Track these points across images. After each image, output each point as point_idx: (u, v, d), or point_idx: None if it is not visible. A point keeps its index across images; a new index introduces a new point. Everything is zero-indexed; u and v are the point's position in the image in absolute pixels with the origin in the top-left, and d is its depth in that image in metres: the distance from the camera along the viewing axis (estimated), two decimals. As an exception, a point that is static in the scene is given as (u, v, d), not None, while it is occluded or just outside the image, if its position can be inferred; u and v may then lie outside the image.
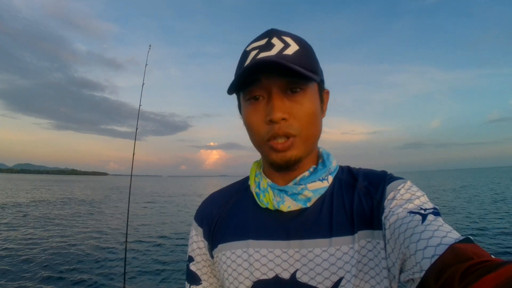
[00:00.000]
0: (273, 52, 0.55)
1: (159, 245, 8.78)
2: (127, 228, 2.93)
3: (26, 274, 6.15)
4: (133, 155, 3.30)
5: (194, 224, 0.72)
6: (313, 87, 0.58)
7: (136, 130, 3.39)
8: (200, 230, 0.70)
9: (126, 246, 2.83)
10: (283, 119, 0.54)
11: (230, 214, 0.68)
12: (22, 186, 41.22)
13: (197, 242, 0.70)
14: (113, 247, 8.42)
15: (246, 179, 0.73)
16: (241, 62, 0.59)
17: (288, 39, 0.57)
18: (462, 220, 11.36)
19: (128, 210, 3.23)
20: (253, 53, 0.56)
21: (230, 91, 0.57)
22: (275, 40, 0.56)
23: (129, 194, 3.18)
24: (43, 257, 7.33)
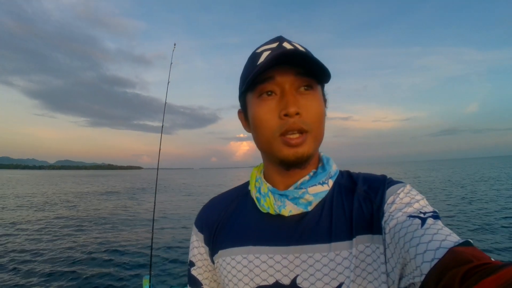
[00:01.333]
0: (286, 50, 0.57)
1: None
2: (153, 220, 3.17)
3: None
4: (159, 150, 3.54)
5: (195, 229, 0.73)
6: (319, 89, 0.60)
7: (162, 126, 3.56)
8: (201, 236, 0.71)
9: (152, 236, 3.07)
10: (297, 114, 0.56)
11: (231, 220, 0.68)
12: (66, 182, 44.11)
13: (198, 247, 0.71)
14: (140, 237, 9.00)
15: (246, 184, 0.73)
16: (253, 62, 0.60)
17: (297, 45, 0.60)
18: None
19: (155, 202, 3.47)
20: (265, 54, 0.58)
21: (244, 87, 0.59)
22: (286, 44, 0.58)
23: (156, 186, 3.42)
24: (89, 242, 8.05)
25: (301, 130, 0.56)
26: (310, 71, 0.57)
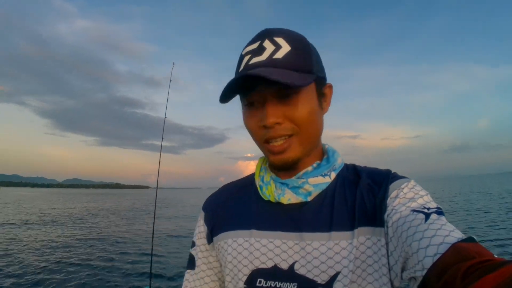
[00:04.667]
0: (264, 57, 0.56)
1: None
2: (152, 240, 3.06)
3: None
4: (159, 169, 3.47)
5: (201, 210, 0.76)
6: (308, 87, 0.58)
7: (162, 140, 3.54)
8: (203, 214, 0.74)
9: (151, 259, 2.95)
10: (277, 123, 0.56)
11: (234, 205, 0.70)
12: (73, 200, 44.36)
13: (199, 226, 0.73)
14: (139, 256, 8.81)
15: (253, 174, 0.74)
16: (237, 67, 0.60)
17: (280, 40, 0.57)
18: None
19: (154, 221, 3.39)
20: (246, 58, 0.58)
21: (221, 101, 0.59)
22: (266, 43, 0.57)
23: (155, 205, 3.33)
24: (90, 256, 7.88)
25: (284, 136, 0.58)
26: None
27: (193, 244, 0.74)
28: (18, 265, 7.72)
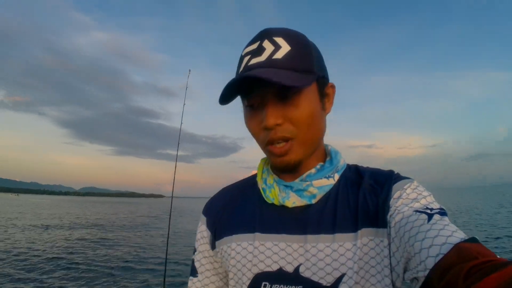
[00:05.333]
0: (263, 57, 0.55)
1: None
2: (167, 247, 3.09)
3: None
4: (174, 178, 3.52)
5: (202, 215, 0.74)
6: (309, 87, 0.57)
7: (177, 150, 3.54)
8: (204, 219, 0.72)
9: (166, 264, 2.97)
10: (278, 124, 0.56)
11: (237, 208, 0.69)
12: (90, 207, 45.25)
13: (201, 232, 0.72)
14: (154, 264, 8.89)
15: (254, 176, 0.73)
16: (238, 67, 0.60)
17: (279, 40, 0.56)
18: None
19: (169, 230, 3.42)
20: (246, 59, 0.57)
21: (220, 103, 0.58)
22: (266, 43, 0.56)
23: (170, 214, 3.37)
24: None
25: (285, 139, 0.57)
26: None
27: (195, 251, 0.72)
28: (36, 265, 7.95)
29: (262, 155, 0.72)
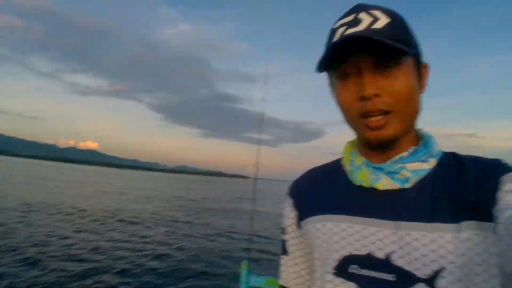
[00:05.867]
0: (361, 27, 0.52)
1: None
2: (251, 223, 3.29)
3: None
4: (257, 162, 3.69)
5: (286, 196, 0.74)
6: (408, 61, 0.54)
7: (260, 133, 3.70)
8: (290, 200, 0.72)
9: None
10: (376, 95, 0.52)
11: (322, 190, 0.67)
12: (186, 184, 50.95)
13: (287, 213, 0.72)
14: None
15: (339, 159, 0.71)
16: (329, 39, 0.57)
17: (377, 13, 0.54)
18: None
19: (252, 211, 3.65)
20: (340, 30, 0.55)
21: (318, 69, 0.56)
22: (363, 15, 0.54)
23: (254, 194, 3.56)
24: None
25: (383, 112, 0.53)
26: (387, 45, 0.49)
27: (284, 230, 0.73)
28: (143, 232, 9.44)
29: (348, 140, 0.70)
